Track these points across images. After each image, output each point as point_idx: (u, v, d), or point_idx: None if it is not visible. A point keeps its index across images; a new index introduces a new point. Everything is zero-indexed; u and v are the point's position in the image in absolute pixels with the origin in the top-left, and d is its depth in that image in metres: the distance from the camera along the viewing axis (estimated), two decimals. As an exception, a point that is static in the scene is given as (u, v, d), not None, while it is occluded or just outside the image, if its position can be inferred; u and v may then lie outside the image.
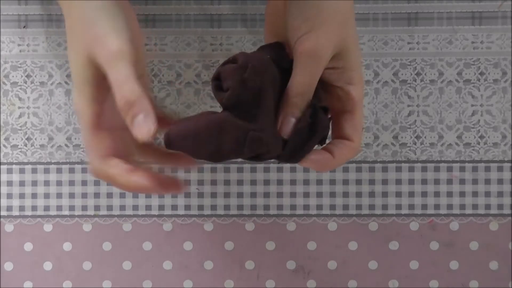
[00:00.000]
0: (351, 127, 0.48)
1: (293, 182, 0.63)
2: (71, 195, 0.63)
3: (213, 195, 0.63)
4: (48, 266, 0.63)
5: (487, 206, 0.62)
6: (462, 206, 0.62)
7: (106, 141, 0.46)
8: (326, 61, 0.46)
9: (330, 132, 0.49)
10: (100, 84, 0.45)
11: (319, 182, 0.63)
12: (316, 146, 0.48)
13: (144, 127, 0.43)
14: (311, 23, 0.45)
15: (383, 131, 0.62)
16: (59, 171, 0.63)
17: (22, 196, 0.63)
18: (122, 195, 0.63)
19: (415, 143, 0.62)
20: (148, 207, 0.63)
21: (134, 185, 0.45)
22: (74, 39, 0.45)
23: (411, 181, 0.63)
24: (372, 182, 0.63)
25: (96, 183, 0.63)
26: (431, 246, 0.63)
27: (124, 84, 0.43)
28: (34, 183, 0.62)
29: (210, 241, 0.63)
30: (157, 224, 0.63)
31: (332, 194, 0.63)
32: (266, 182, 0.63)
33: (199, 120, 0.44)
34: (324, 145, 0.49)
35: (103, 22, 0.44)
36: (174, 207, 0.63)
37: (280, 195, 0.63)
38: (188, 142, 0.44)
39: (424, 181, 0.63)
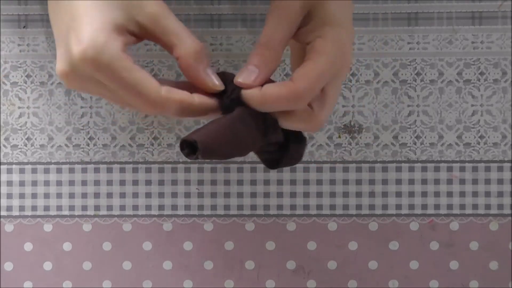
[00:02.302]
0: (299, 70, 0.44)
1: (293, 182, 0.63)
2: (71, 195, 0.63)
3: (213, 195, 0.63)
4: (48, 266, 0.63)
5: (487, 206, 0.62)
6: (462, 206, 0.62)
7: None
8: (296, 13, 0.45)
9: None
10: (125, 34, 0.43)
11: (319, 182, 0.63)
12: None
13: (217, 78, 0.45)
14: None
15: (383, 131, 0.62)
16: (59, 171, 0.63)
17: (22, 196, 0.63)
18: (122, 195, 0.63)
19: (415, 143, 0.62)
20: (148, 207, 0.63)
21: (211, 86, 0.44)
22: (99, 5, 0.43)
23: (411, 181, 0.63)
24: (372, 182, 0.63)
25: (96, 183, 0.63)
26: (431, 246, 0.63)
27: (189, 35, 0.44)
28: (34, 183, 0.62)
29: (210, 241, 0.63)
30: (157, 224, 0.63)
31: (332, 194, 0.63)
32: (266, 182, 0.62)
33: (216, 122, 0.44)
34: None
35: None
36: (174, 207, 0.63)
37: (280, 195, 0.63)
38: (215, 143, 0.43)
39: (424, 181, 0.63)
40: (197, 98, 0.44)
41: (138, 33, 0.44)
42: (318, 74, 0.44)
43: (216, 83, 0.45)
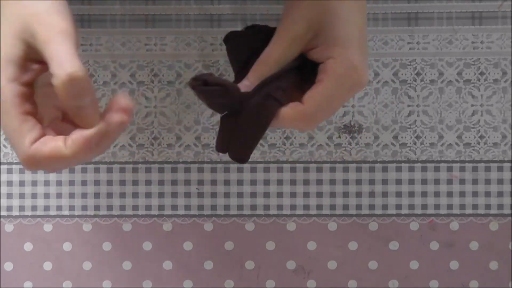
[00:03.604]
0: (308, 93, 0.46)
1: (293, 182, 0.63)
2: (71, 195, 0.63)
3: (213, 195, 0.63)
4: (48, 266, 0.63)
5: (487, 206, 0.62)
6: (462, 206, 0.62)
7: (35, 124, 0.41)
8: (297, 36, 0.46)
9: None
10: (26, 66, 0.41)
11: (319, 182, 0.63)
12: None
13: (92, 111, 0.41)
14: (289, 2, 0.47)
15: (383, 131, 0.62)
16: (59, 171, 0.62)
17: (22, 196, 0.63)
18: (122, 195, 0.63)
19: (415, 143, 0.62)
20: (148, 207, 0.63)
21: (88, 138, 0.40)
22: (6, 14, 0.42)
23: (411, 181, 0.63)
24: (372, 182, 0.63)
25: (96, 183, 0.63)
26: (431, 246, 0.63)
27: (68, 59, 0.39)
28: (34, 183, 0.62)
29: (210, 241, 0.63)
30: (157, 224, 0.63)
31: (332, 194, 0.63)
32: (266, 182, 0.62)
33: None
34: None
35: (45, 2, 0.41)
36: (174, 207, 0.63)
37: (280, 195, 0.63)
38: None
39: (424, 181, 0.63)
40: (70, 143, 0.40)
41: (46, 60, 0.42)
42: (327, 96, 0.46)
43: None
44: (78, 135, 0.40)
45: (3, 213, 0.63)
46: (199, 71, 0.62)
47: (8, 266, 0.63)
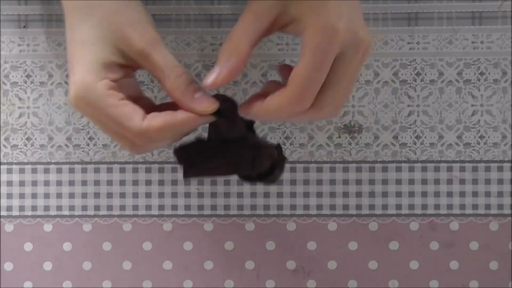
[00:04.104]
0: (291, 73, 0.44)
1: (293, 182, 0.63)
2: (71, 195, 0.63)
3: (213, 195, 0.63)
4: (48, 266, 0.63)
5: (487, 206, 0.62)
6: (462, 206, 0.62)
7: (135, 105, 0.46)
8: (259, 10, 0.45)
9: None
10: (113, 69, 0.46)
11: (319, 182, 0.63)
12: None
13: (206, 100, 0.46)
14: None
15: (383, 131, 0.62)
16: (59, 171, 0.63)
17: (22, 196, 0.63)
18: (122, 195, 0.63)
19: (415, 143, 0.62)
20: (148, 207, 0.63)
21: (198, 109, 0.46)
22: (97, 23, 0.45)
23: (411, 181, 0.63)
24: (372, 182, 0.63)
25: (96, 183, 0.63)
26: (431, 246, 0.63)
27: (177, 64, 0.46)
28: (34, 183, 0.62)
29: (210, 241, 0.63)
30: (157, 224, 0.63)
31: (332, 194, 0.63)
32: (266, 182, 0.63)
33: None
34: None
35: (134, 11, 0.46)
36: (174, 207, 0.63)
37: (280, 195, 0.63)
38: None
39: (424, 181, 0.63)
40: (180, 115, 0.46)
41: (133, 65, 0.47)
42: (308, 72, 0.44)
43: (203, 106, 0.46)
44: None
45: (3, 213, 0.63)
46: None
47: (8, 266, 0.63)
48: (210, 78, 0.45)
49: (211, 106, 0.46)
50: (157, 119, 0.45)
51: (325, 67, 0.44)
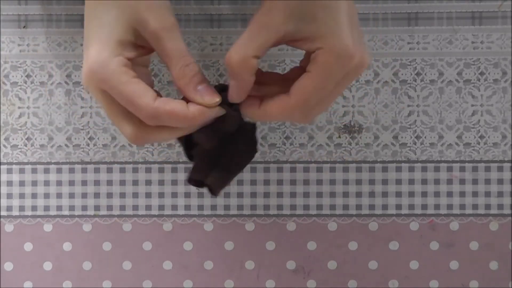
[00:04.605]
0: (296, 84, 0.46)
1: (293, 182, 0.63)
2: (71, 195, 0.63)
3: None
4: (48, 266, 0.63)
5: (487, 206, 0.62)
6: (462, 206, 0.62)
7: (148, 86, 0.47)
8: (269, 23, 0.45)
9: None
10: (129, 47, 0.46)
11: (319, 182, 0.63)
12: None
13: (208, 93, 0.47)
14: None
15: (383, 131, 0.62)
16: (59, 171, 0.63)
17: (22, 196, 0.63)
18: (122, 195, 0.63)
19: (415, 143, 0.62)
20: (148, 207, 0.63)
21: (203, 102, 0.46)
22: (116, 4, 0.46)
23: (411, 181, 0.63)
24: (372, 182, 0.63)
25: (96, 183, 0.63)
26: (431, 246, 0.63)
27: (186, 53, 0.47)
28: (34, 183, 0.62)
29: (210, 241, 0.63)
30: (157, 224, 0.63)
31: (332, 194, 0.63)
32: (266, 182, 0.62)
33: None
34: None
35: None
36: (174, 207, 0.63)
37: (280, 195, 0.63)
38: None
39: (424, 181, 0.63)
40: (192, 106, 0.46)
41: (147, 46, 0.47)
42: (316, 88, 0.46)
43: (205, 99, 0.47)
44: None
45: (3, 213, 0.63)
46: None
47: (8, 266, 0.63)
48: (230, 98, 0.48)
49: (212, 99, 0.47)
50: (169, 103, 0.46)
51: (332, 87, 0.46)
